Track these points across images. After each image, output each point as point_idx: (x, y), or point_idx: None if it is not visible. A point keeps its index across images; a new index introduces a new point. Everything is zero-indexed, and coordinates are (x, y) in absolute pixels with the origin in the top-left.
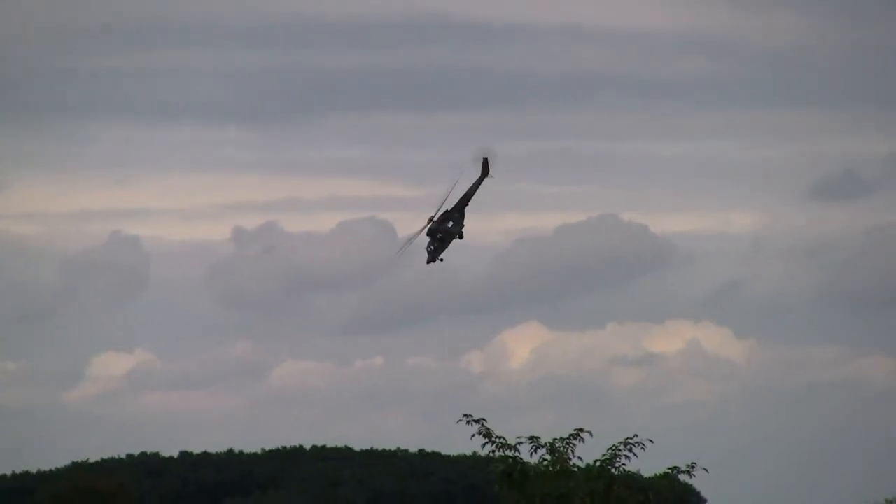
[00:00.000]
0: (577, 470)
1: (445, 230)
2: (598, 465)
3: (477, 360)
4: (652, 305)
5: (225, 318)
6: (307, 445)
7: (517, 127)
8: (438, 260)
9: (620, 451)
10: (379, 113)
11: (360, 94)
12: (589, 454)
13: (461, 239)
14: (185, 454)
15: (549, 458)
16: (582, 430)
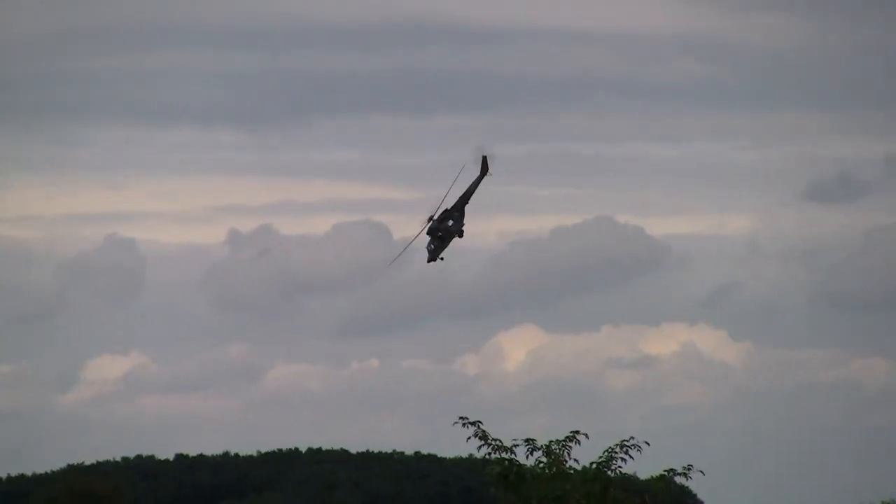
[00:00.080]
0: (573, 472)
1: (446, 229)
2: (594, 467)
3: (472, 362)
4: (648, 307)
5: (220, 320)
6: (303, 448)
7: (513, 129)
8: (439, 259)
9: (616, 453)
10: (374, 116)
11: (355, 96)
12: (585, 456)
13: (461, 237)
14: (180, 457)
15: (545, 460)
16: (578, 432)
